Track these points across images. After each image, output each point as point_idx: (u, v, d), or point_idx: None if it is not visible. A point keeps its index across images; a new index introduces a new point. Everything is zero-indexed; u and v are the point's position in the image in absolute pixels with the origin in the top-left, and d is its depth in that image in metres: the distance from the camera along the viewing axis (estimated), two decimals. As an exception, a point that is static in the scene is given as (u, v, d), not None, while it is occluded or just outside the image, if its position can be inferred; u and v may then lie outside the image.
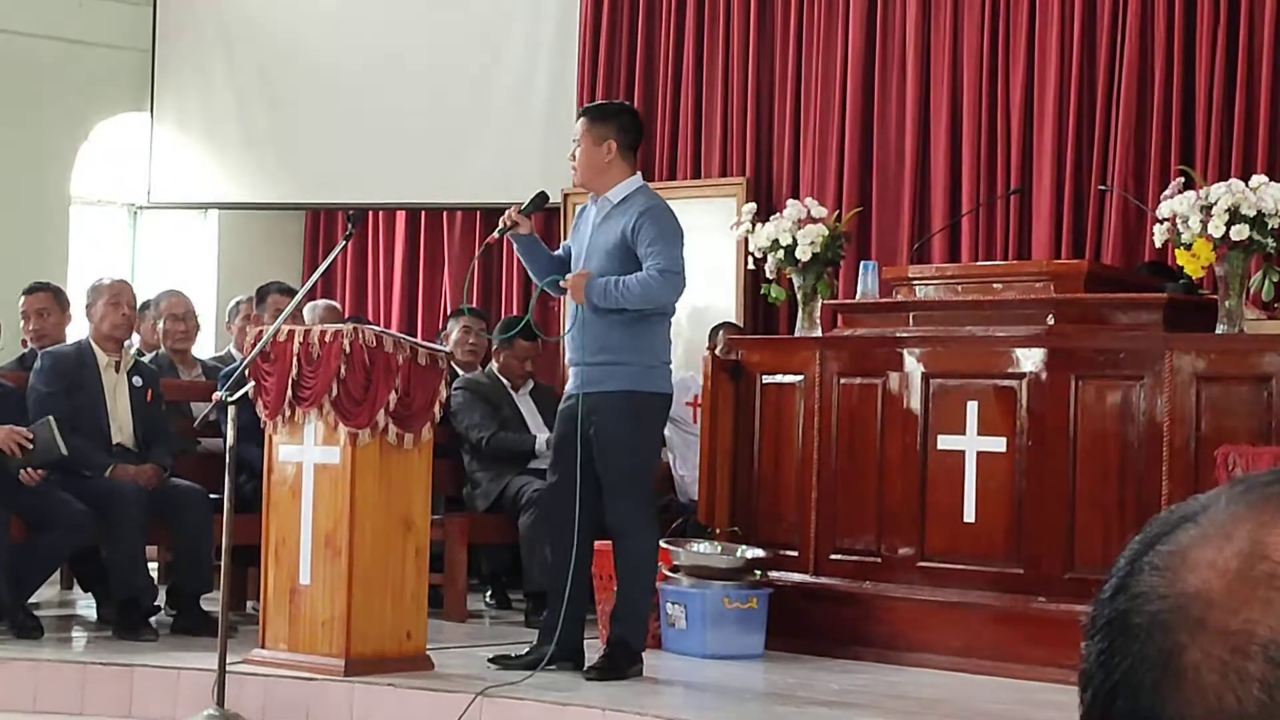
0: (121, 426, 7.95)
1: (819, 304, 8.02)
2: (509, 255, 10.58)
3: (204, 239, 12.67)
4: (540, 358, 9.72)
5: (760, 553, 7.51)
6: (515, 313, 10.60)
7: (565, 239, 7.16)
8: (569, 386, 6.90)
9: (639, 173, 6.94)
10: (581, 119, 6.91)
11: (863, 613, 7.37)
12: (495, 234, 6.91)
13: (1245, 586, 0.92)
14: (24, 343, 8.87)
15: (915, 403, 7.36)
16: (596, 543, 6.95)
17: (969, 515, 7.15)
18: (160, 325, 9.19)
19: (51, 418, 7.56)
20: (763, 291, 8.48)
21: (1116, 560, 1.00)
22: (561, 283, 6.77)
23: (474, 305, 10.47)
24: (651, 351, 6.77)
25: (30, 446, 7.50)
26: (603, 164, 6.79)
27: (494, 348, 9.22)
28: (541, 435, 8.60)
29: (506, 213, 6.81)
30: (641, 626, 6.90)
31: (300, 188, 11.98)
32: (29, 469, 7.48)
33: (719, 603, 7.27)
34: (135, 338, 9.24)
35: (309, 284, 7.40)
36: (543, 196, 6.99)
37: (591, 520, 6.83)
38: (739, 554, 7.51)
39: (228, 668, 6.31)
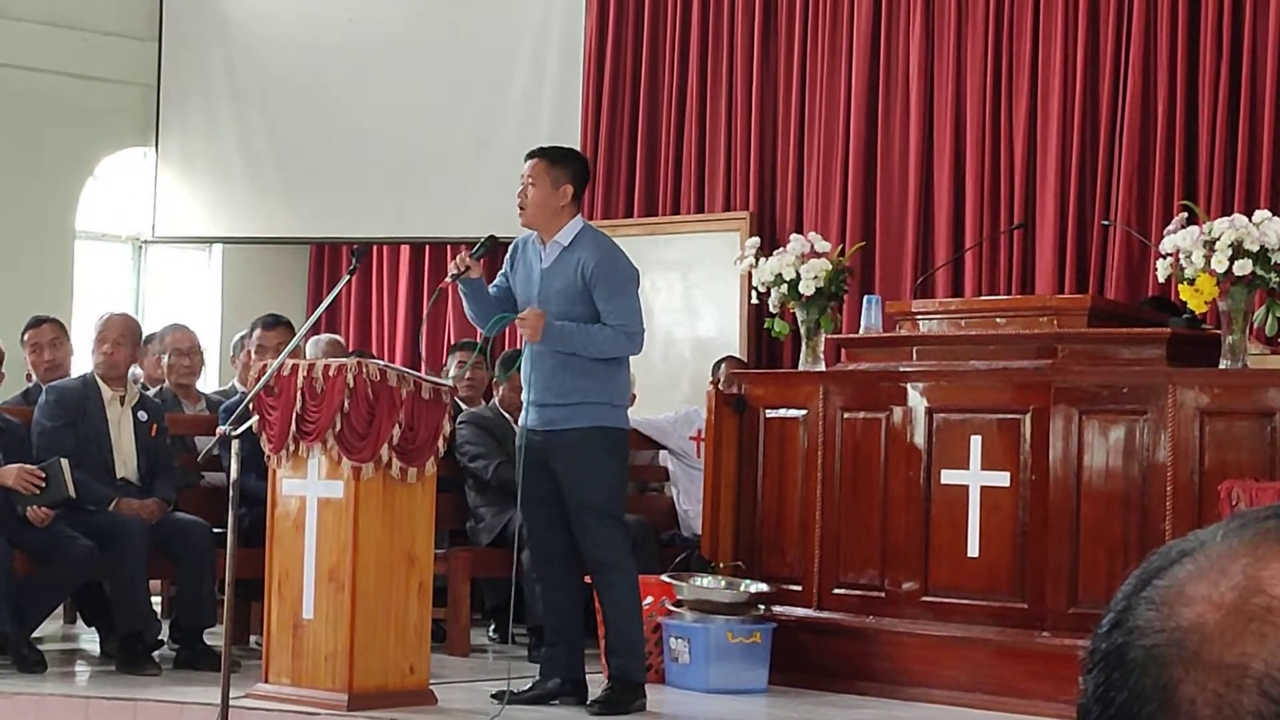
0: (125, 460, 7.95)
1: (822, 338, 8.03)
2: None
3: (208, 273, 12.69)
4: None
5: (764, 587, 7.50)
6: (510, 347, 10.58)
7: (495, 278, 7.10)
8: (527, 422, 6.89)
9: (580, 214, 6.98)
10: (538, 160, 6.90)
11: (866, 647, 7.36)
12: (448, 279, 6.91)
13: (1240, 620, 0.93)
14: (28, 376, 8.87)
15: (919, 437, 7.36)
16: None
17: (972, 550, 7.15)
18: (165, 359, 9.19)
19: (65, 460, 7.57)
20: (766, 326, 8.48)
21: (1115, 595, 1.01)
22: (517, 320, 6.79)
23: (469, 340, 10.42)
24: (618, 391, 6.87)
25: (43, 486, 7.50)
26: (556, 207, 6.83)
27: (493, 382, 9.24)
28: None
29: (459, 257, 6.84)
30: (639, 657, 6.88)
31: (304, 222, 12.00)
32: (37, 507, 7.48)
33: (723, 637, 7.26)
34: (139, 372, 9.24)
35: (313, 318, 7.42)
36: (493, 240, 7.00)
37: (570, 551, 6.83)
38: (742, 588, 7.50)
39: (231, 702, 6.29)
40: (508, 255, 7.06)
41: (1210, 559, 0.96)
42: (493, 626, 9.26)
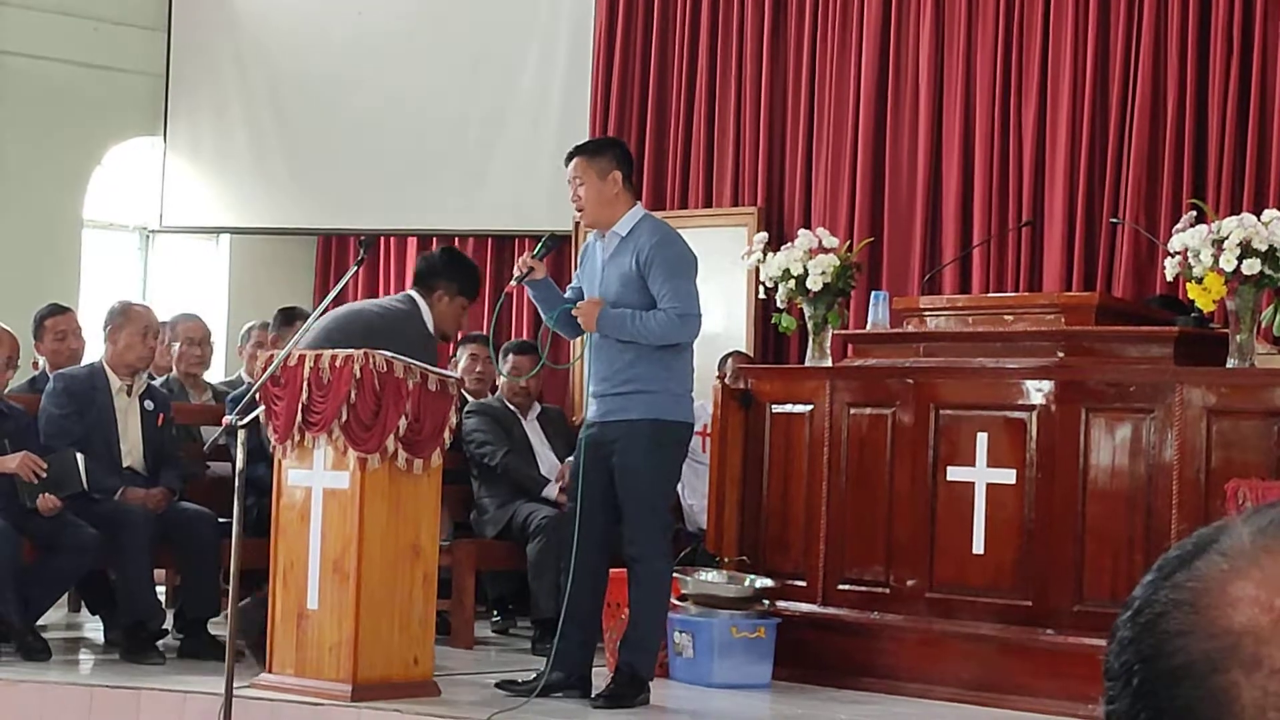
0: (132, 450, 7.95)
1: (829, 334, 8.02)
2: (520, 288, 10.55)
3: (215, 263, 12.70)
4: (550, 382, 9.72)
5: (769, 582, 7.50)
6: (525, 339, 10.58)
7: (572, 280, 7.14)
8: (590, 415, 6.89)
9: (639, 201, 6.98)
10: (578, 159, 6.87)
11: (870, 643, 7.36)
12: (513, 282, 6.90)
13: None
14: (35, 364, 8.87)
15: (925, 433, 7.35)
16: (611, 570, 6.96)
17: (978, 547, 7.14)
18: (175, 348, 9.18)
19: (79, 454, 7.58)
20: (773, 321, 8.48)
21: (1129, 601, 0.99)
22: (574, 310, 6.78)
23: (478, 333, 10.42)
24: (677, 380, 6.81)
25: (44, 476, 7.50)
26: (610, 197, 6.81)
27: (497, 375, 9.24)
28: (553, 487, 8.60)
29: (521, 259, 6.84)
30: (651, 655, 6.88)
31: (312, 213, 12.00)
32: (47, 495, 7.47)
33: (727, 632, 7.25)
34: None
35: (320, 309, 7.41)
36: (554, 239, 7.00)
37: (606, 548, 6.83)
38: (747, 583, 7.49)
39: (234, 692, 6.30)
40: (579, 257, 7.06)
41: (1244, 559, 0.95)
42: (495, 614, 9.27)
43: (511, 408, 9.01)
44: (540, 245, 6.89)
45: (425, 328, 7.47)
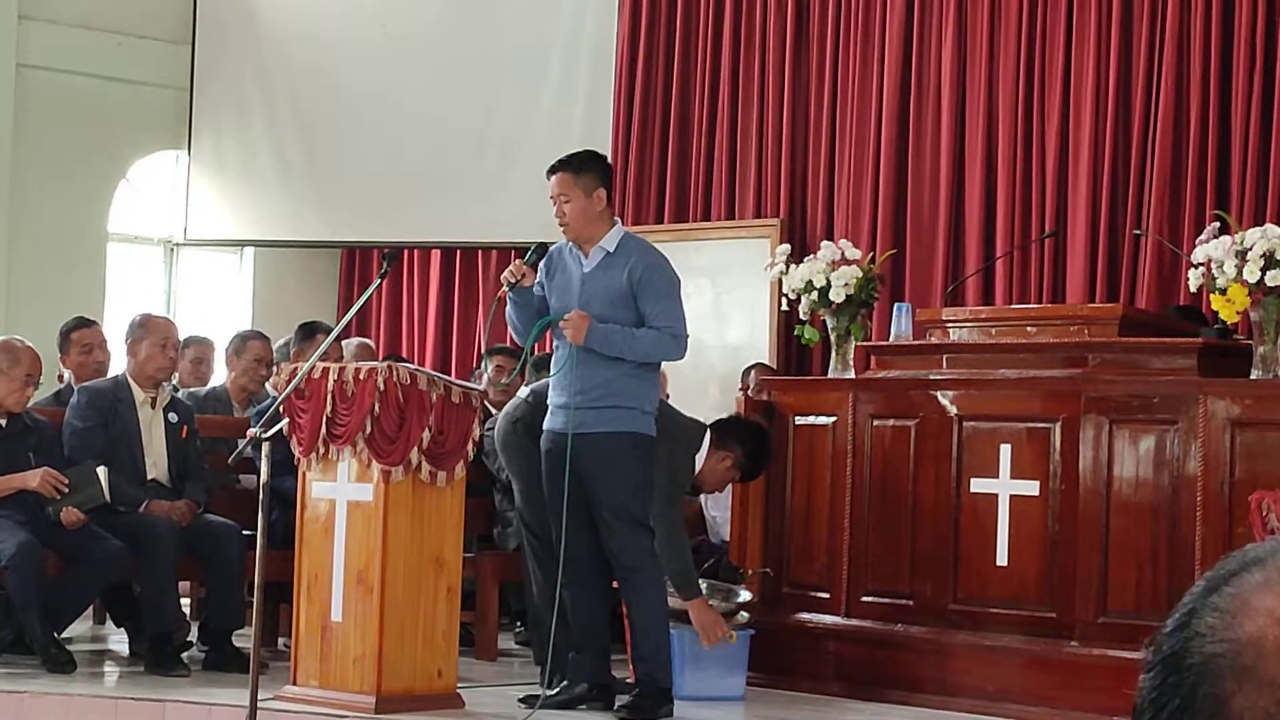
0: (156, 462, 7.96)
1: (852, 345, 8.01)
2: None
3: (239, 276, 12.73)
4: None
5: (749, 595, 7.47)
6: (547, 351, 10.59)
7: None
8: (553, 425, 6.85)
9: (617, 218, 7.01)
10: (562, 174, 6.85)
11: (894, 655, 7.35)
12: (504, 289, 6.88)
13: None
14: (59, 377, 8.90)
15: (948, 445, 7.34)
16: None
17: (1001, 559, 7.14)
18: (238, 363, 9.18)
19: (102, 468, 7.59)
20: (796, 333, 8.48)
21: (1184, 595, 1.00)
22: (561, 323, 6.76)
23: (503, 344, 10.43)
24: (648, 399, 6.82)
25: (65, 491, 7.51)
26: (595, 214, 6.82)
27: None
28: None
29: (513, 265, 6.82)
30: (666, 662, 6.86)
31: (335, 226, 12.03)
32: (70, 508, 7.49)
33: (696, 644, 7.18)
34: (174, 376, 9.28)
35: (344, 321, 7.43)
36: (542, 247, 7.00)
37: (596, 556, 6.82)
38: (729, 597, 7.46)
39: (259, 704, 6.31)
40: (543, 264, 7.03)
41: (1279, 570, 0.95)
42: (518, 625, 9.27)
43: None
44: (530, 252, 6.89)
45: (693, 458, 7.37)
